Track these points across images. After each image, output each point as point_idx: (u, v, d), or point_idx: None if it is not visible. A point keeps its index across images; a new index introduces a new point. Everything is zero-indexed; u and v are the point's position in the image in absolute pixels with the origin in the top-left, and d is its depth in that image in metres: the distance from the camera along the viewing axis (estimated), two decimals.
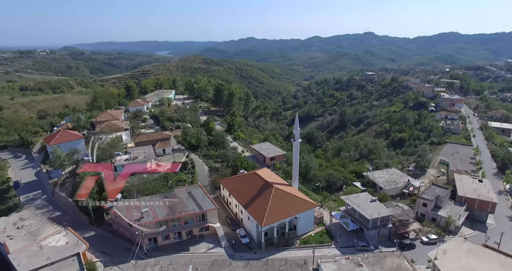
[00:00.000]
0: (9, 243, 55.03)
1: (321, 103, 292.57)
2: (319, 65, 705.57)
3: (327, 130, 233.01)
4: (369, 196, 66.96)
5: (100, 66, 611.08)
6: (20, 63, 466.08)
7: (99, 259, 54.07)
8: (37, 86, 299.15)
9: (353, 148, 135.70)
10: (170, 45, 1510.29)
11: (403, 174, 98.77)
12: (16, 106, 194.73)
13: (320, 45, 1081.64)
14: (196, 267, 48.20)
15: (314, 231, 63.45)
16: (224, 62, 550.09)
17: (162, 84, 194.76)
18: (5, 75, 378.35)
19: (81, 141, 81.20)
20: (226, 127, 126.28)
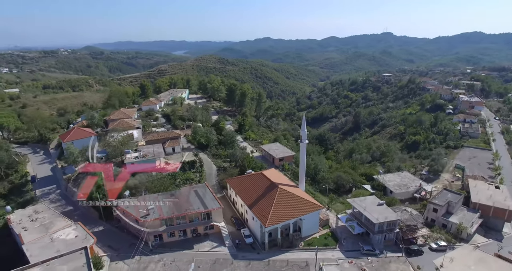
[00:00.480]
0: (23, 234, 57.60)
1: (335, 104, 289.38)
2: (335, 66, 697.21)
3: (341, 132, 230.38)
4: (377, 200, 65.81)
5: (118, 65, 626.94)
6: (44, 63, 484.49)
7: (106, 254, 55.65)
8: (58, 85, 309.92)
9: (365, 150, 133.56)
10: (186, 45, 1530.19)
11: (415, 177, 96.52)
12: (38, 103, 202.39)
13: (337, 45, 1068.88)
14: (198, 265, 48.83)
15: (319, 233, 62.91)
16: (239, 62, 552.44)
17: (176, 84, 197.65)
18: (30, 74, 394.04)
19: (94, 138, 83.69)
20: (237, 127, 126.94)
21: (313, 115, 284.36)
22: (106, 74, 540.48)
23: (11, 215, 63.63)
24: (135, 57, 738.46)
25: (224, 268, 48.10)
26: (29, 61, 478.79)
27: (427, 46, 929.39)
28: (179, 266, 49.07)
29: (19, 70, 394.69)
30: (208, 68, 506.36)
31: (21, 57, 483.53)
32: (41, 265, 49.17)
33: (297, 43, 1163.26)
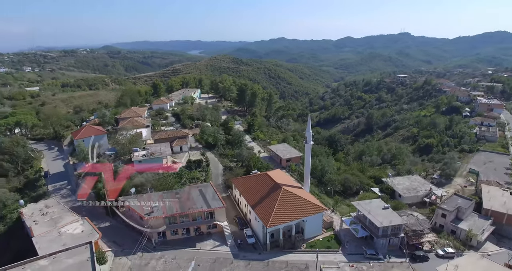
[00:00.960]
0: (34, 227, 59.78)
1: (348, 105, 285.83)
2: (350, 67, 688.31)
3: (353, 134, 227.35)
4: (382, 203, 64.69)
5: (134, 64, 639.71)
6: (64, 62, 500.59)
7: (111, 249, 57.01)
8: (76, 83, 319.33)
9: (376, 152, 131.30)
10: (202, 45, 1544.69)
11: (425, 181, 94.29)
12: (56, 101, 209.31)
13: (352, 46, 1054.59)
14: (198, 264, 49.39)
15: (323, 236, 62.44)
16: (253, 62, 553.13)
17: (188, 83, 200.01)
18: (51, 73, 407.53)
19: (104, 136, 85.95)
20: (246, 127, 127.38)
21: (326, 116, 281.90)
22: (122, 73, 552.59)
23: (23, 209, 66.22)
24: (151, 57, 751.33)
25: (224, 268, 48.43)
26: (50, 60, 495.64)
27: (446, 46, 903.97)
28: (180, 263, 49.75)
29: (41, 69, 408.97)
30: (222, 68, 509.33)
31: (43, 57, 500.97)
32: (48, 258, 50.87)
33: (312, 43, 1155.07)
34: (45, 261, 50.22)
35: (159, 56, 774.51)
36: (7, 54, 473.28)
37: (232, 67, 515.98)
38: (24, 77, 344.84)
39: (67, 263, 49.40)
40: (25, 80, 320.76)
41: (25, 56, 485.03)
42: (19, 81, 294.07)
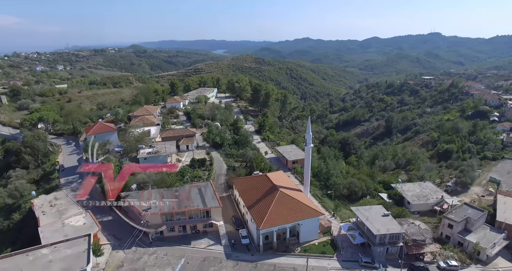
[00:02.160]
0: (41, 217, 63.29)
1: (369, 107, 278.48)
2: (375, 68, 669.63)
3: (372, 136, 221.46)
4: (383, 210, 62.58)
5: (159, 63, 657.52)
6: (93, 61, 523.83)
7: (109, 242, 59.30)
8: (102, 81, 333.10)
9: (390, 156, 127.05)
10: (226, 44, 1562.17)
11: (437, 189, 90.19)
12: (81, 98, 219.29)
13: (379, 46, 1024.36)
14: (187, 261, 50.22)
15: (319, 240, 61.36)
16: (275, 62, 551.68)
17: (206, 83, 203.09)
18: (80, 71, 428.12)
19: (114, 133, 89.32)
20: (257, 128, 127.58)
21: (345, 118, 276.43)
22: (147, 72, 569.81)
23: (35, 200, 70.21)
24: (176, 56, 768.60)
25: (212, 267, 48.92)
26: (81, 59, 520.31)
27: (481, 47, 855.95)
28: (170, 260, 50.82)
29: (72, 67, 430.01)
30: (244, 67, 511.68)
31: (75, 56, 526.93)
32: (49, 247, 53.73)
33: (337, 43, 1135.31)
34: (47, 250, 53.06)
35: (184, 56, 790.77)
36: (44, 54, 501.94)
37: (254, 67, 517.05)
38: (57, 75, 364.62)
39: (66, 253, 51.91)
40: (57, 78, 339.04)
41: (59, 55, 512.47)
42: (52, 79, 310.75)
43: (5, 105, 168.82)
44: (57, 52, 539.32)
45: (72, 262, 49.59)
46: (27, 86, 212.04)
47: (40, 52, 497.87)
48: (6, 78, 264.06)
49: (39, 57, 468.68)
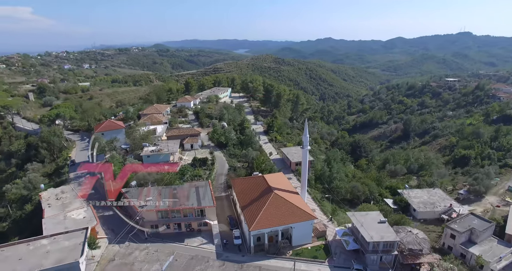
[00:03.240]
0: (46, 210, 66.54)
1: (388, 110, 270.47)
2: (399, 69, 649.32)
3: (389, 140, 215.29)
4: (380, 216, 60.81)
5: (181, 62, 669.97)
6: (117, 59, 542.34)
7: (107, 236, 61.47)
8: (124, 79, 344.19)
9: (402, 161, 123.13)
10: (248, 44, 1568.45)
11: (447, 196, 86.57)
12: (102, 96, 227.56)
13: (403, 47, 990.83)
14: (176, 259, 51.16)
15: (312, 245, 60.53)
16: (295, 62, 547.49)
17: (220, 82, 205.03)
18: (105, 70, 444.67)
19: (122, 131, 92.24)
20: (266, 128, 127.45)
21: (363, 120, 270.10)
22: (168, 71, 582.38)
23: (43, 192, 73.90)
24: (197, 55, 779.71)
25: (199, 265, 49.56)
26: (106, 58, 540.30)
27: None
28: (159, 256, 51.95)
29: (96, 66, 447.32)
30: (263, 67, 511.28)
31: (100, 55, 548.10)
32: (49, 238, 56.33)
33: (360, 44, 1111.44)
34: (46, 241, 55.65)
35: (205, 55, 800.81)
36: (73, 53, 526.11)
37: (273, 67, 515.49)
38: (82, 73, 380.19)
39: (63, 245, 54.25)
40: (82, 76, 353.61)
41: (86, 54, 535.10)
42: (77, 77, 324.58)
43: (32, 102, 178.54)
44: (85, 52, 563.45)
45: (67, 253, 51.77)
46: (53, 84, 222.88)
47: (69, 51, 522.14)
48: (37, 76, 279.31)
49: (68, 56, 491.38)
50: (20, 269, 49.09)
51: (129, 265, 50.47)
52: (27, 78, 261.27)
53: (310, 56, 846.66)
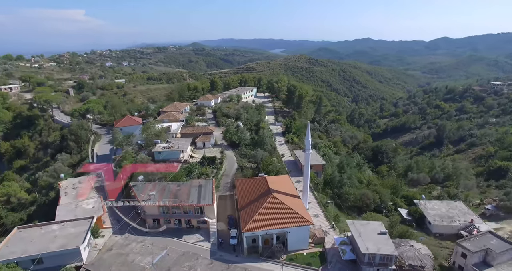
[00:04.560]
0: (62, 198, 71.67)
1: (422, 114, 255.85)
2: (441, 71, 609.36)
3: (420, 146, 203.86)
4: (381, 227, 57.78)
5: (215, 61, 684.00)
6: (155, 57, 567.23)
7: (112, 227, 64.85)
8: (158, 77, 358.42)
9: (427, 169, 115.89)
10: (284, 44, 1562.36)
11: (469, 211, 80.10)
12: (135, 92, 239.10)
13: (449, 47, 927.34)
14: (168, 253, 52.67)
15: (309, 251, 59.11)
16: (329, 63, 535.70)
17: (246, 82, 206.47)
18: (142, 67, 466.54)
19: (139, 127, 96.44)
20: (284, 129, 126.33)
21: (394, 124, 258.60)
22: (203, 69, 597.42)
23: (63, 181, 79.64)
24: (232, 54, 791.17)
25: (188, 262, 50.60)
26: (145, 56, 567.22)
27: None
28: (153, 250, 53.79)
29: (135, 63, 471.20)
30: (296, 68, 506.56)
31: (140, 53, 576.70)
32: (59, 224, 60.66)
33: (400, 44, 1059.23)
34: (56, 226, 59.98)
35: (240, 54, 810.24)
36: (115, 51, 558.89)
37: (306, 68, 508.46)
38: (121, 70, 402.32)
39: (70, 231, 58.11)
40: (121, 73, 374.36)
41: (127, 52, 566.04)
42: (116, 74, 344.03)
43: (71, 97, 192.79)
44: (126, 50, 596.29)
45: (71, 239, 55.38)
46: (92, 80, 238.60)
47: (112, 50, 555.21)
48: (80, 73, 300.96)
49: (111, 54, 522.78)
50: (30, 249, 53.45)
51: (124, 256, 52.85)
52: (72, 75, 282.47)
53: (346, 57, 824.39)
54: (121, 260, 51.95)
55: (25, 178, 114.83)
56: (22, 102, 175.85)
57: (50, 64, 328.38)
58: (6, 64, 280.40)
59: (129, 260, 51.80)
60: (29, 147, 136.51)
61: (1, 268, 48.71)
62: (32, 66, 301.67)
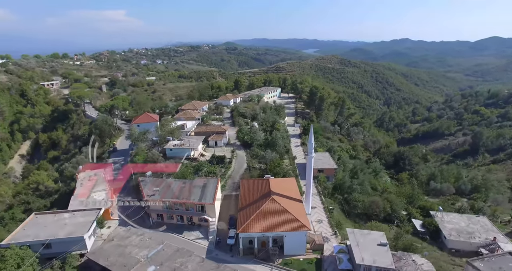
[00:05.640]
0: (78, 188, 76.23)
1: (458, 120, 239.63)
2: (488, 73, 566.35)
3: (452, 153, 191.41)
4: (383, 238, 54.92)
5: (247, 60, 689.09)
6: (188, 56, 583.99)
7: (118, 218, 67.86)
8: (189, 75, 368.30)
9: (452, 179, 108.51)
10: (318, 44, 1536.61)
11: (493, 227, 73.80)
12: (164, 90, 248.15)
13: (498, 48, 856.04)
14: (163, 248, 54.01)
15: (306, 257, 57.72)
16: (361, 64, 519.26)
17: (271, 82, 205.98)
18: (175, 65, 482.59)
19: (155, 124, 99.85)
20: (302, 131, 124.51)
21: (426, 129, 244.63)
22: (235, 68, 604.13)
23: (80, 173, 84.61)
24: (264, 54, 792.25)
25: (180, 258, 51.42)
26: (179, 54, 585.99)
27: None
28: (151, 244, 55.41)
29: (168, 62, 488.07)
30: (326, 68, 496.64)
31: (174, 51, 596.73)
32: (70, 213, 64.56)
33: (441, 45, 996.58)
34: (67, 215, 63.85)
35: (272, 54, 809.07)
36: (151, 50, 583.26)
37: (337, 69, 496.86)
38: (155, 68, 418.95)
39: (78, 220, 61.61)
40: (154, 70, 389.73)
41: (161, 51, 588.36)
42: (149, 71, 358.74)
43: (103, 93, 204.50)
44: (161, 48, 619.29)
45: (78, 228, 58.64)
46: (125, 77, 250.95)
47: (148, 48, 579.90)
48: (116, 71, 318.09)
49: (146, 52, 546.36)
50: (41, 234, 57.37)
51: (122, 247, 55.02)
52: (109, 72, 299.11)
53: (381, 58, 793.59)
54: (119, 251, 54.10)
55: (55, 168, 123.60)
56: (60, 97, 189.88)
57: (90, 62, 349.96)
58: (53, 62, 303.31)
59: (126, 252, 53.79)
60: (62, 139, 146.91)
61: (14, 249, 52.84)
62: (74, 64, 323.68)
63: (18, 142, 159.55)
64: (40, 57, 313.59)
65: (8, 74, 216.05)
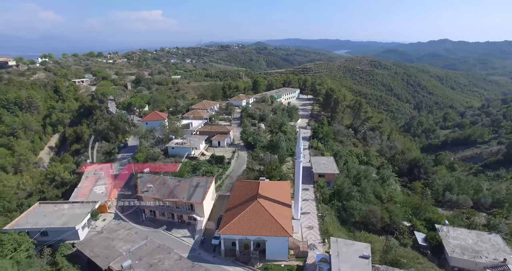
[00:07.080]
0: (82, 180, 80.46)
1: (495, 127, 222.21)
2: None
3: (483, 163, 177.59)
4: (367, 250, 52.30)
5: (276, 60, 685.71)
6: (217, 55, 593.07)
7: (114, 212, 70.64)
8: (215, 74, 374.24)
9: (471, 191, 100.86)
10: (350, 45, 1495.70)
11: (506, 248, 67.71)
12: (188, 88, 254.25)
13: None
14: (146, 244, 55.41)
15: (287, 263, 56.64)
16: (393, 66, 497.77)
17: (290, 83, 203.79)
18: (203, 64, 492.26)
19: (162, 122, 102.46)
20: (312, 134, 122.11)
21: (457, 136, 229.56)
22: (263, 68, 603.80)
23: (88, 167, 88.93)
24: (293, 54, 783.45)
25: (160, 254, 52.47)
26: (209, 54, 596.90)
27: None
28: (136, 239, 57.10)
29: (197, 61, 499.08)
30: (355, 70, 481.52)
31: (203, 50, 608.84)
32: (70, 204, 68.43)
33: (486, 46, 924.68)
34: (67, 206, 67.67)
35: (301, 54, 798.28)
36: (181, 49, 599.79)
37: (366, 70, 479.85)
38: (183, 67, 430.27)
39: (75, 212, 65.07)
40: (182, 69, 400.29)
41: (192, 50, 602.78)
42: (177, 70, 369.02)
43: (128, 91, 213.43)
44: (191, 48, 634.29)
45: (73, 219, 61.94)
46: (151, 75, 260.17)
47: (178, 47, 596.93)
48: (146, 69, 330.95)
49: (177, 51, 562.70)
50: (40, 222, 61.32)
51: (109, 240, 57.21)
52: (138, 70, 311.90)
53: (417, 60, 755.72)
54: (105, 243, 56.31)
55: (75, 160, 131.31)
56: (87, 94, 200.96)
57: (121, 60, 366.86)
58: (88, 60, 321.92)
59: (112, 244, 55.86)
60: (85, 134, 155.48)
61: (12, 234, 56.91)
62: (107, 62, 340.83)
63: (48, 134, 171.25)
64: (77, 55, 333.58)
65: (46, 71, 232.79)
